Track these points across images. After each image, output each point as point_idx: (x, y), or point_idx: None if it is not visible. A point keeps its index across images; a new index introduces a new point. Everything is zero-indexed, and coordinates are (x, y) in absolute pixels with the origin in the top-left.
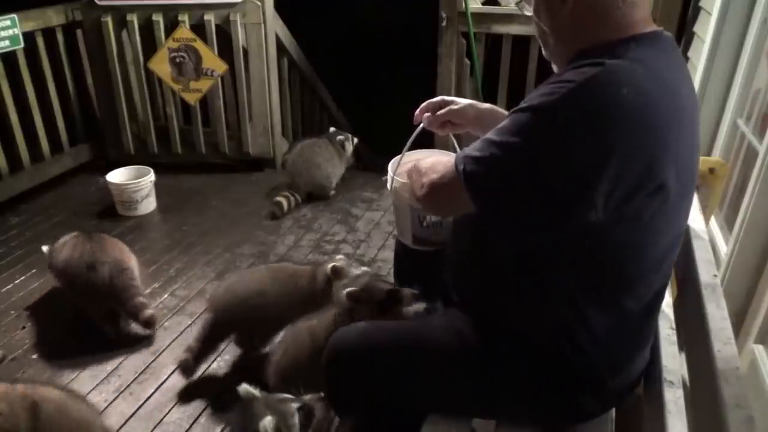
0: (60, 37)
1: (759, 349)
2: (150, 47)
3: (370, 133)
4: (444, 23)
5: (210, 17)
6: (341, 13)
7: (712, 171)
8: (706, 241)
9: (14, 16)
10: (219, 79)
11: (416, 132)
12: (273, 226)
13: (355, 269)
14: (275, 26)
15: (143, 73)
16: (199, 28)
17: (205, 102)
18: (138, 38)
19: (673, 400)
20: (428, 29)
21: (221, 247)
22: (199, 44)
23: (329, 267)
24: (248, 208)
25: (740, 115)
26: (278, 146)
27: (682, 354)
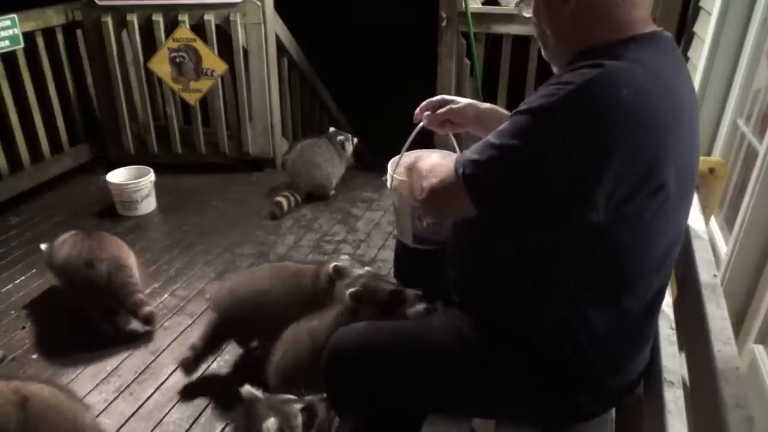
0: (60, 37)
1: (759, 349)
2: (150, 47)
3: (370, 133)
4: (444, 23)
5: (210, 17)
6: (341, 13)
7: (712, 171)
8: (706, 241)
9: (14, 16)
10: (219, 79)
11: (416, 131)
12: (273, 226)
13: (358, 269)
14: (275, 26)
15: (143, 73)
16: (199, 28)
17: (205, 102)
18: (138, 38)
19: (673, 400)
20: (428, 29)
21: (221, 247)
22: (199, 44)
23: (331, 266)
24: (248, 208)
25: (740, 115)
26: (278, 146)
27: (682, 354)
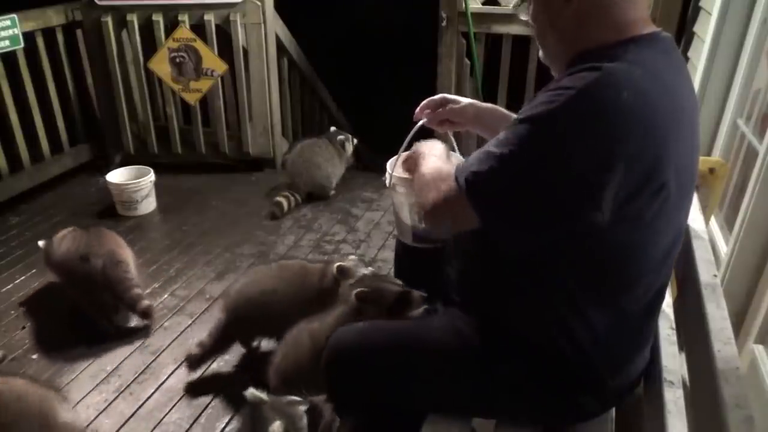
0: (60, 37)
1: (759, 349)
2: (150, 47)
3: (370, 133)
4: (444, 23)
5: (210, 17)
6: (341, 13)
7: (712, 171)
8: (706, 241)
9: (14, 16)
10: (219, 79)
11: (415, 129)
12: (273, 226)
13: (363, 269)
14: (275, 26)
15: (143, 73)
16: (199, 28)
17: (205, 102)
18: (138, 38)
19: (673, 400)
20: (428, 29)
21: (221, 247)
22: (199, 44)
23: (335, 266)
24: (248, 208)
25: (740, 115)
26: (278, 146)
27: (682, 354)
